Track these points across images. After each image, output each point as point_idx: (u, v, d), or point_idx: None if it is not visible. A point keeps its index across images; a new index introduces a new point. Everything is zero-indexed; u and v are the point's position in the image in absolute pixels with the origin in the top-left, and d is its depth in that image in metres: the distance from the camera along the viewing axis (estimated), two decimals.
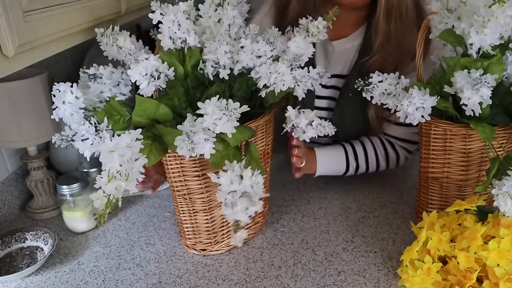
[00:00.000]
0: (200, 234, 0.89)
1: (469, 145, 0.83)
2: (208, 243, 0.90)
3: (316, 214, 1.03)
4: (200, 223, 0.88)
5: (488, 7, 0.71)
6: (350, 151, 1.02)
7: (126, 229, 1.01)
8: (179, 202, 0.87)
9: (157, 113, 0.73)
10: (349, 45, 1.02)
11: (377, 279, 0.82)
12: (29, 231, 0.95)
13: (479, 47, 0.75)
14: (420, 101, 0.77)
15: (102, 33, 0.80)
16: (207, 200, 0.85)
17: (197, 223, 0.88)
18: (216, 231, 0.89)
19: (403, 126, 1.01)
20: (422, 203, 0.96)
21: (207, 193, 0.84)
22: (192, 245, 0.91)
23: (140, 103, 0.72)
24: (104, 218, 0.64)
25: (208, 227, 0.88)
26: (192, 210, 0.86)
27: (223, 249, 0.91)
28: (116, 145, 0.63)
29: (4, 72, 0.62)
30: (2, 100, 0.94)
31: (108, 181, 0.62)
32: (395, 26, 0.92)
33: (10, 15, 0.61)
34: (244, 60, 0.76)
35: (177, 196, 0.86)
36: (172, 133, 0.69)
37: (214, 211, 0.86)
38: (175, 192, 0.86)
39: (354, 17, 1.00)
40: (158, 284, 0.84)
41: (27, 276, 0.87)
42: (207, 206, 0.86)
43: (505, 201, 0.69)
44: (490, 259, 0.69)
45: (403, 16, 0.92)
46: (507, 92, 0.80)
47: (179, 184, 0.84)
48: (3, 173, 1.04)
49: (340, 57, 1.03)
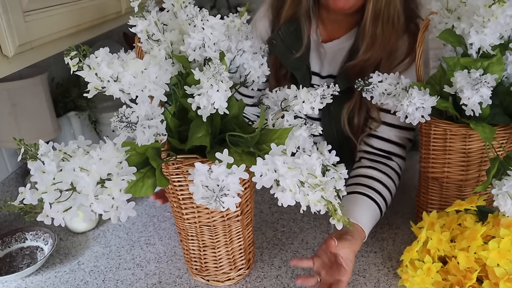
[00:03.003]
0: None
1: (469, 145, 0.83)
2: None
3: (316, 214, 1.03)
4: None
5: (488, 7, 0.71)
6: (378, 199, 0.91)
7: (126, 229, 1.01)
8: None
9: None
10: (340, 47, 1.03)
11: (377, 279, 0.82)
12: (29, 231, 0.95)
13: (479, 47, 0.75)
14: (420, 101, 0.77)
15: (75, 64, 0.61)
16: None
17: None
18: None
19: (394, 128, 0.99)
20: (422, 203, 0.96)
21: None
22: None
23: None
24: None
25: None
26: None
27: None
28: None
29: (4, 72, 0.62)
30: (2, 100, 0.94)
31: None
32: (381, 30, 0.93)
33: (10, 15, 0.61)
34: (236, 60, 0.73)
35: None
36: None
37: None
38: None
39: (346, 21, 1.01)
40: (158, 284, 0.84)
41: (27, 276, 0.87)
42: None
43: (505, 201, 0.69)
44: (490, 259, 0.69)
45: (391, 19, 0.93)
46: (507, 92, 0.80)
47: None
48: (3, 173, 1.04)
49: (332, 58, 1.04)
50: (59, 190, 0.52)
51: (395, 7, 0.92)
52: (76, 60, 0.60)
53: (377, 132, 0.99)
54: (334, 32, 1.03)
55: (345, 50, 1.02)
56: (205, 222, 0.76)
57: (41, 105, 0.99)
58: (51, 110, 1.03)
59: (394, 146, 0.98)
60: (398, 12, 0.93)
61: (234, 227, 0.79)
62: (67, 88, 1.17)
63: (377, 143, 0.99)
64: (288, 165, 0.60)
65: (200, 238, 0.79)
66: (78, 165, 0.53)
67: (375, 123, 0.99)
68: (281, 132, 0.67)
